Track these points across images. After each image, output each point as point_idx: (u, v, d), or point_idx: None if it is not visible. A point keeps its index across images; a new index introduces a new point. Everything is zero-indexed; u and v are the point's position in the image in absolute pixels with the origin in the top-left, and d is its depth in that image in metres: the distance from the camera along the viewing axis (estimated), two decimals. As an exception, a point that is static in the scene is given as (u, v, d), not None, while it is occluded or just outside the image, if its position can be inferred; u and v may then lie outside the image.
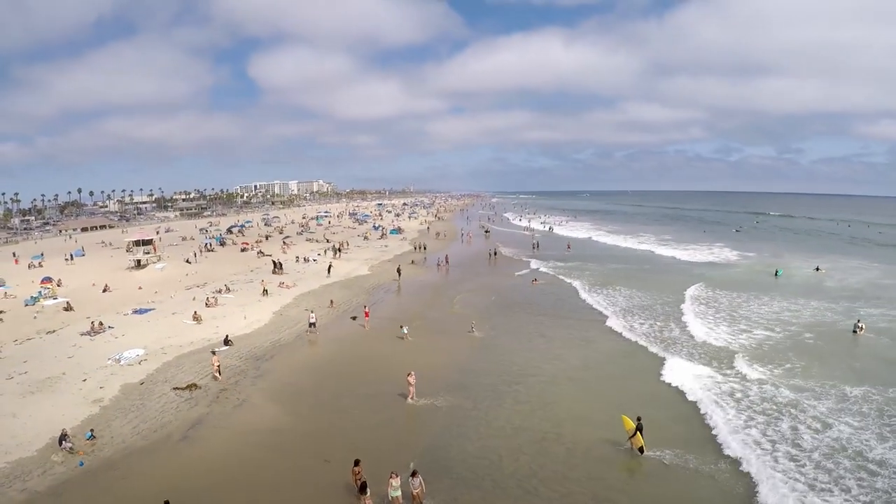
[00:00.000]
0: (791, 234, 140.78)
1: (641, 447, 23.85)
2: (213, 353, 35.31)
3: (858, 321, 45.00)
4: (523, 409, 28.90)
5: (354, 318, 48.10)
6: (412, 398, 29.99)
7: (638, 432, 23.91)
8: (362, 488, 20.10)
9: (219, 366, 33.66)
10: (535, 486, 21.61)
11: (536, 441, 25.24)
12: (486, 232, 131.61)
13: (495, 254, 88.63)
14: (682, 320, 47.09)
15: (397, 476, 20.39)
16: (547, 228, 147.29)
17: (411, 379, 30.11)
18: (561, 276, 68.28)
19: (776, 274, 71.18)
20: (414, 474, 20.52)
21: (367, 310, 47.35)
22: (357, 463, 21.05)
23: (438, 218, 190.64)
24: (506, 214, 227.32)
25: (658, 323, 46.48)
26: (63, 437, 24.28)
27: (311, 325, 43.88)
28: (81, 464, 23.13)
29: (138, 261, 74.69)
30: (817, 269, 75.00)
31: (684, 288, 60.42)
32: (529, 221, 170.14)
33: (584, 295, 57.79)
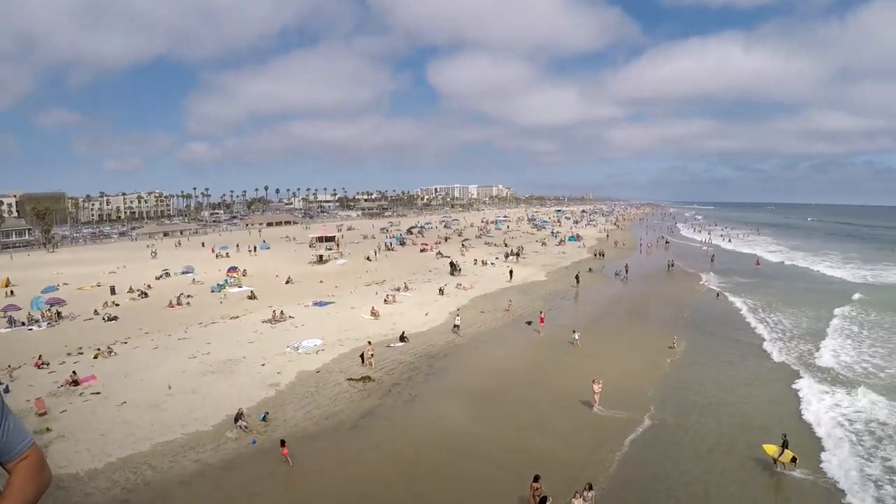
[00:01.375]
0: None
1: (794, 457, 22.97)
2: (369, 343, 35.80)
3: None
4: (731, 431, 26.27)
5: (529, 322, 46.34)
6: (598, 407, 28.27)
7: (785, 449, 23.07)
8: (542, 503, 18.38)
9: (372, 354, 33.95)
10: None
11: (744, 468, 22.90)
12: (667, 242, 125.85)
13: (672, 265, 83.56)
14: (860, 349, 41.22)
15: (581, 495, 18.86)
16: (726, 241, 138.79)
17: (597, 387, 28.49)
18: (739, 295, 61.98)
19: None
20: (589, 487, 19.24)
21: (542, 315, 45.70)
22: (537, 479, 19.31)
23: (617, 226, 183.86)
24: (683, 224, 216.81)
25: (833, 352, 40.19)
26: (239, 416, 24.59)
27: (455, 326, 43.12)
28: (254, 442, 23.40)
29: (320, 256, 77.68)
30: None
31: (861, 313, 53.35)
32: (709, 234, 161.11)
33: (761, 315, 51.75)
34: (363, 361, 33.53)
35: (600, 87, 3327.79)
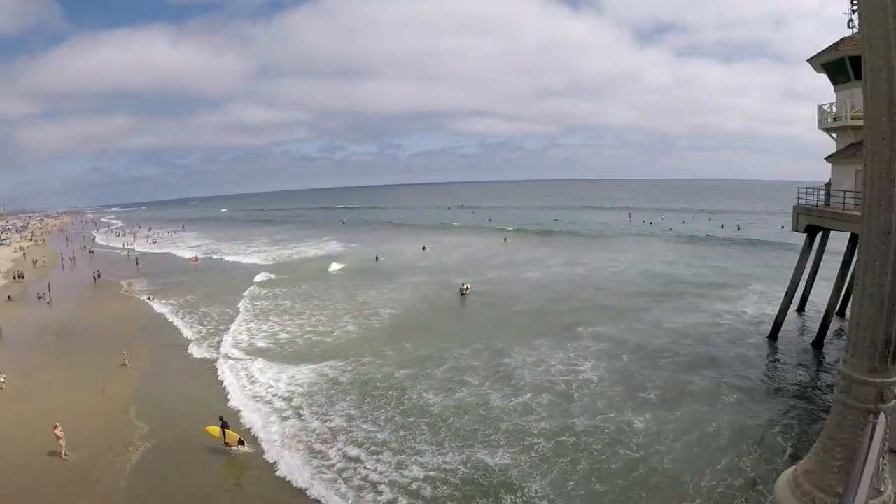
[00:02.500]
0: (393, 222, 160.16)
1: (240, 440, 26.43)
2: None
3: (463, 284, 57.59)
4: (200, 429, 28.40)
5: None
6: (65, 454, 26.61)
7: (225, 430, 26.41)
8: None
9: None
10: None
11: (213, 458, 26.44)
12: (91, 252, 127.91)
13: (99, 276, 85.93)
14: (260, 325, 50.14)
15: None
16: (151, 243, 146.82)
17: (58, 432, 26.72)
18: (168, 298, 65.96)
19: (376, 259, 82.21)
20: None
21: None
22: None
23: (35, 242, 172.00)
24: (105, 231, 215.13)
25: (240, 334, 48.15)
26: None
27: None
28: None
29: None
30: (424, 248, 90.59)
31: (264, 291, 63.60)
32: (133, 237, 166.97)
33: (187, 314, 57.30)
34: None
35: (11, 78, 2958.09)
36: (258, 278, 73.58)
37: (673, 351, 39.52)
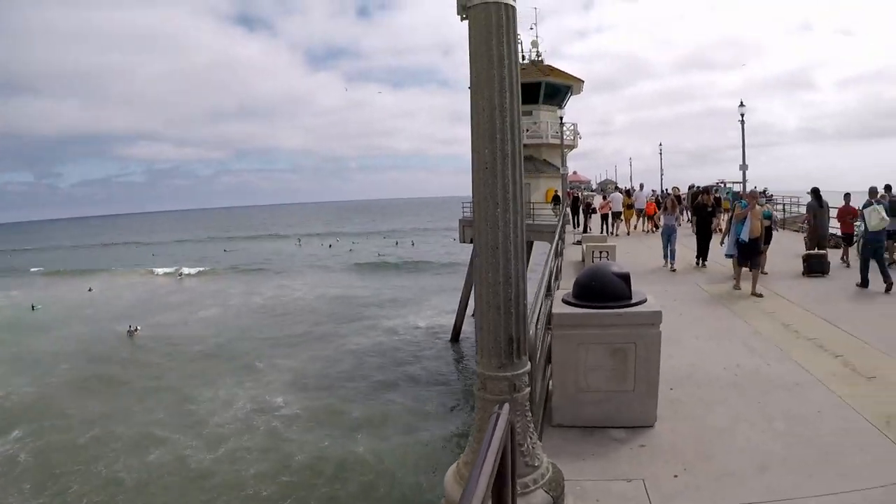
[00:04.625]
0: (52, 263, 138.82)
1: None
2: None
3: (130, 325, 54.15)
4: None
5: None
6: None
7: None
8: None
9: None
10: None
11: None
12: None
13: None
14: None
15: None
16: None
17: None
18: None
19: (33, 308, 71.32)
20: None
21: None
22: None
23: None
24: None
25: None
26: None
27: None
28: None
29: None
30: (90, 289, 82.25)
31: None
32: None
33: None
34: None
35: None
36: None
37: (364, 371, 40.53)
